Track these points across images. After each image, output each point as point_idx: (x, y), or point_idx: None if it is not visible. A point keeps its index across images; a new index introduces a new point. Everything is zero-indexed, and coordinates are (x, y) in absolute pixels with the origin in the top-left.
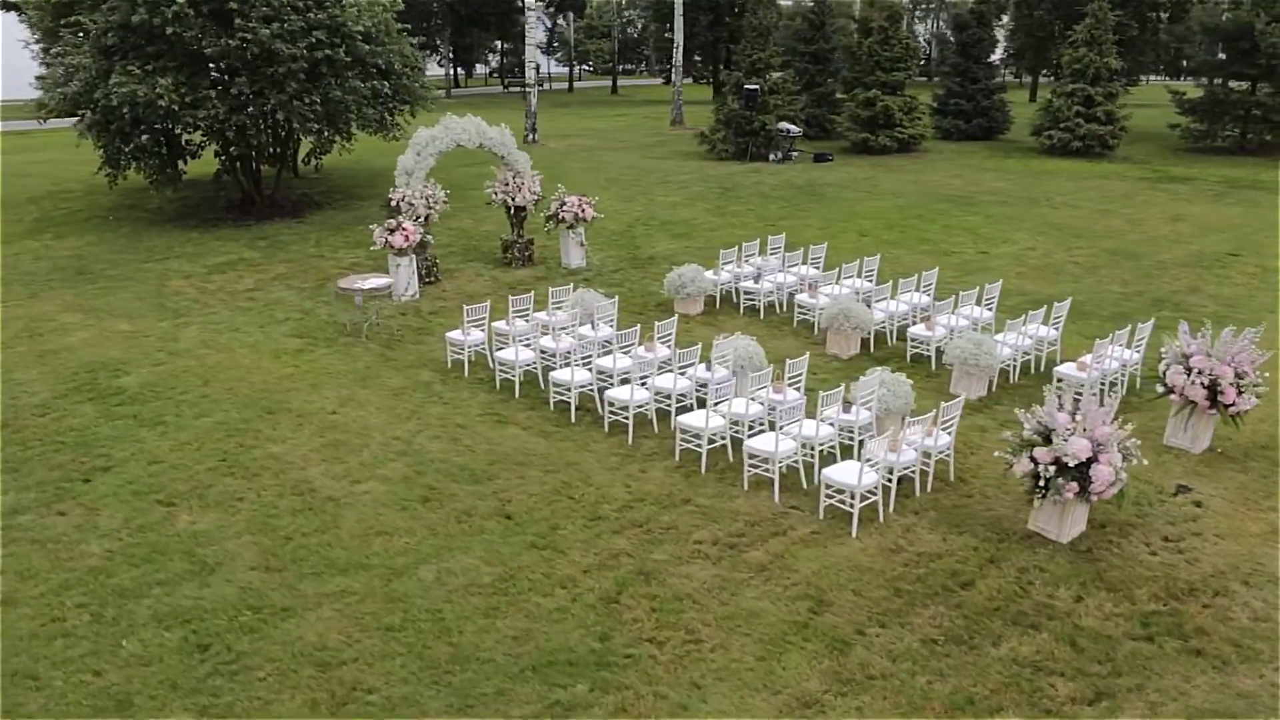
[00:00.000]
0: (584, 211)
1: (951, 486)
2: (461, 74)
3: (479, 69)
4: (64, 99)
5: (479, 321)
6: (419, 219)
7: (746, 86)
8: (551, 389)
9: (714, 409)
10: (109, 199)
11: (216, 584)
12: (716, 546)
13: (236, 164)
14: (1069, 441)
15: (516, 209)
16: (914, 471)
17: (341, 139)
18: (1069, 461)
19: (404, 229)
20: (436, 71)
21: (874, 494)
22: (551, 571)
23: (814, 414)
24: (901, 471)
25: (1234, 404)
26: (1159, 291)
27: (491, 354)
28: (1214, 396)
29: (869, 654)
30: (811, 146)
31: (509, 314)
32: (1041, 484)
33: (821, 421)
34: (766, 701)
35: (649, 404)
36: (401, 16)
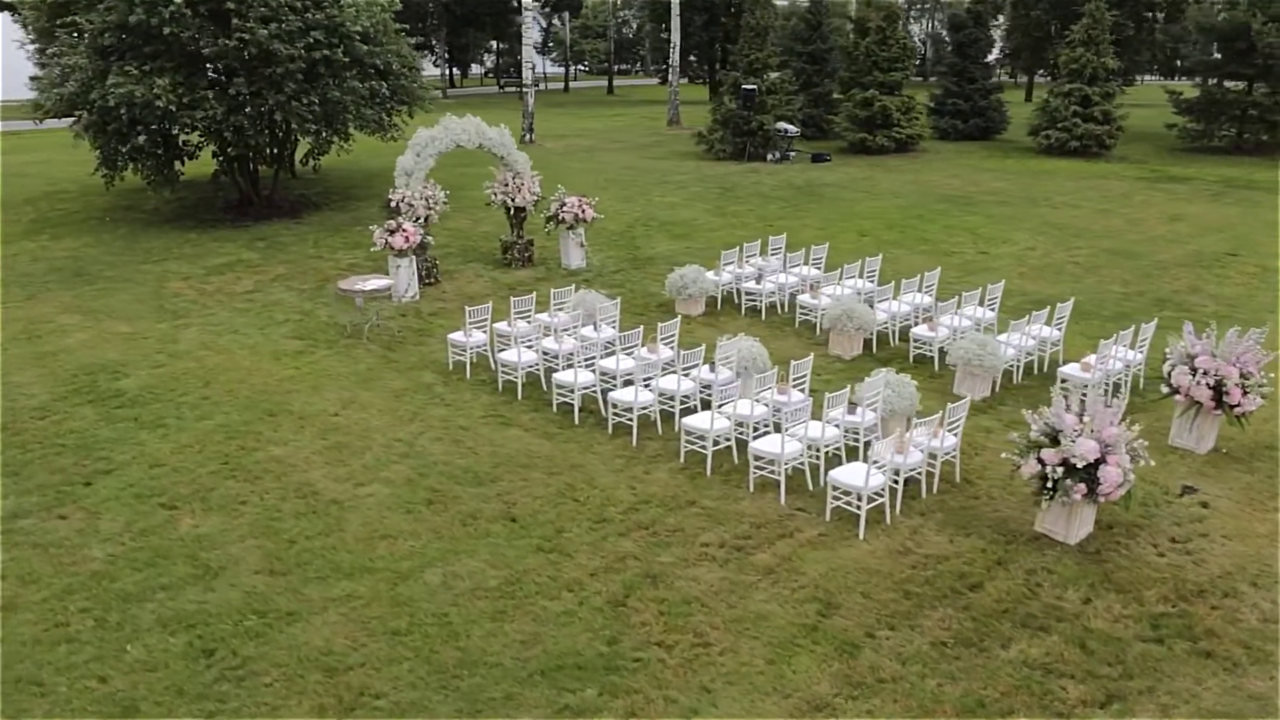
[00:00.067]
0: (584, 212)
1: (957, 488)
2: (457, 74)
3: (474, 69)
4: (60, 99)
5: (481, 323)
6: (419, 220)
7: (744, 86)
8: (554, 391)
9: (719, 410)
10: (105, 200)
11: (221, 588)
12: (723, 549)
13: (234, 165)
14: (1077, 443)
15: (516, 210)
16: (920, 473)
17: (339, 140)
18: (1077, 463)
19: (404, 230)
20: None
21: (881, 496)
22: (558, 575)
23: (819, 415)
24: (908, 473)
25: (1239, 404)
26: (1160, 291)
27: (493, 355)
28: (1219, 397)
29: (879, 657)
30: (809, 146)
31: (510, 315)
32: (1049, 485)
33: (827, 423)
34: (777, 705)
35: (653, 406)
36: (398, 17)
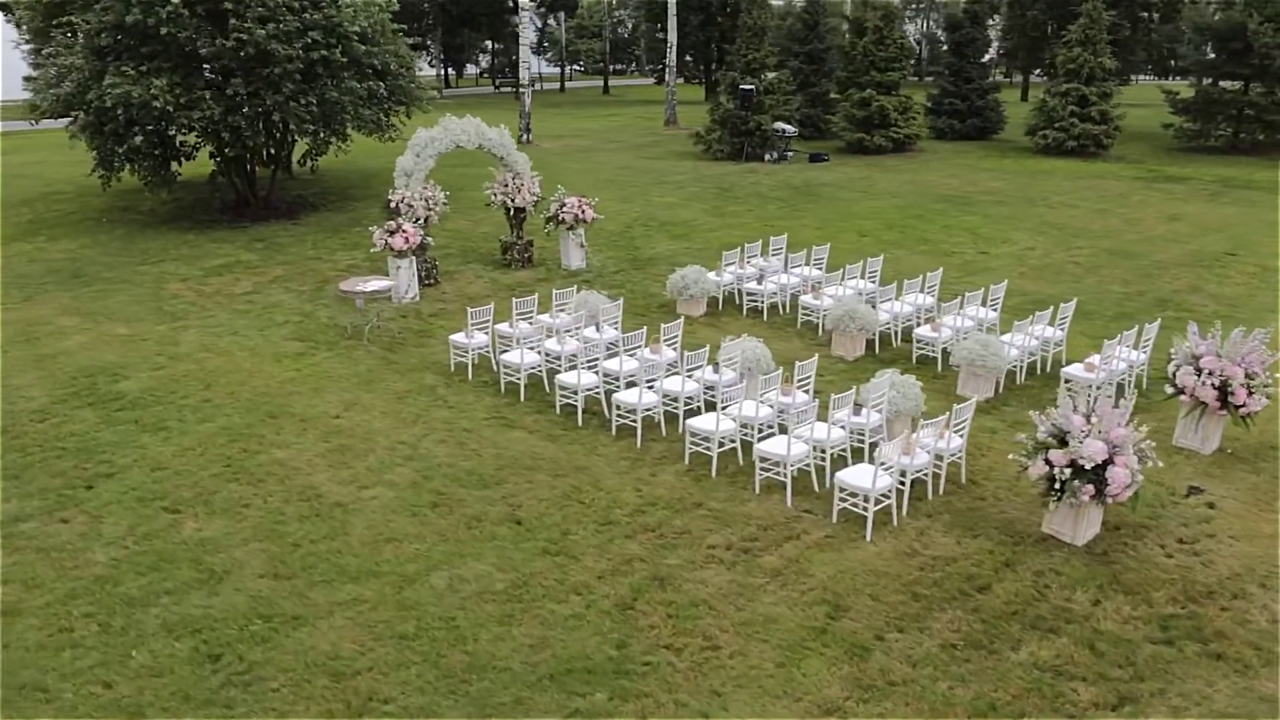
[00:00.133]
0: (584, 213)
1: (963, 489)
2: (452, 74)
3: (469, 69)
4: (57, 100)
5: (483, 324)
6: (418, 221)
7: (742, 86)
8: (557, 392)
9: (724, 412)
10: (102, 201)
11: (225, 592)
12: (730, 551)
13: (231, 166)
14: (1084, 444)
15: (516, 210)
16: (926, 474)
17: (337, 140)
18: (1085, 464)
19: (404, 231)
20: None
21: (887, 497)
22: (565, 578)
23: (824, 417)
24: (914, 474)
25: (1244, 405)
26: (1160, 291)
27: (495, 357)
28: (1224, 397)
29: (889, 659)
30: (807, 146)
31: (512, 316)
32: (1057, 486)
33: (833, 424)
34: (788, 708)
35: (657, 407)
36: (394, 17)
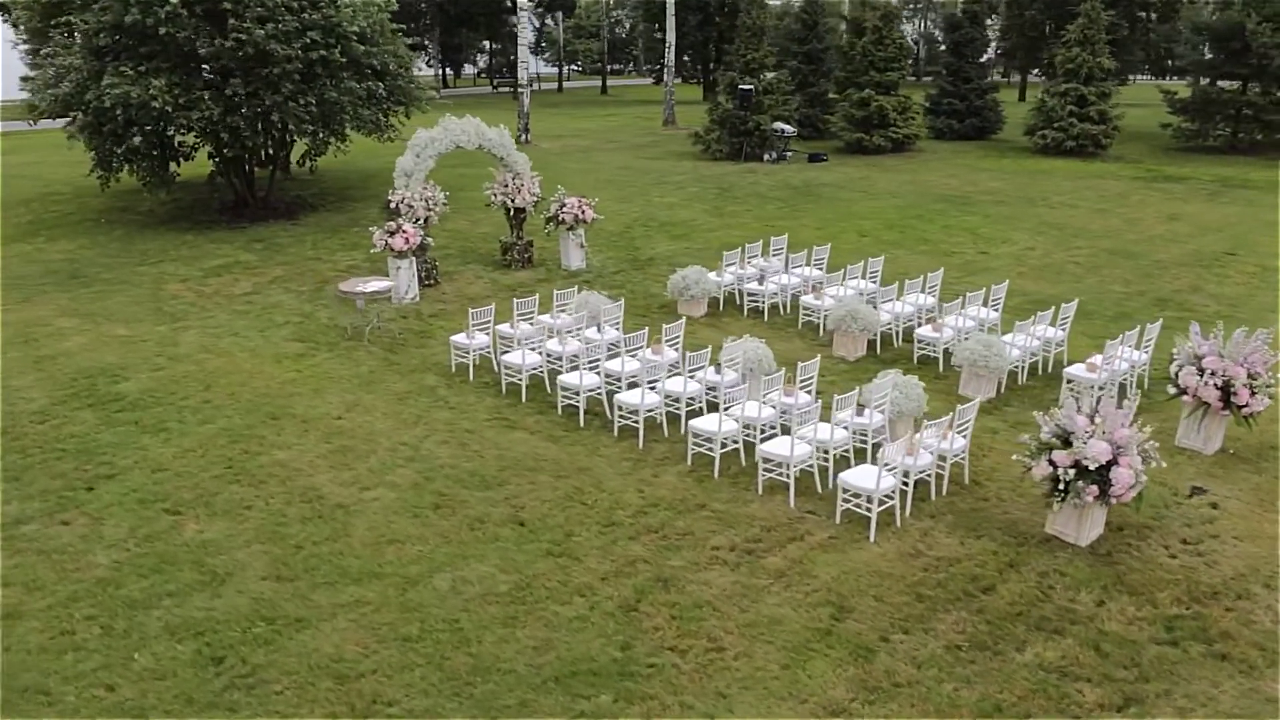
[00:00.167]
0: (584, 213)
1: (967, 489)
2: (450, 74)
3: (467, 69)
4: (55, 100)
5: (484, 325)
6: (418, 221)
7: (741, 86)
8: (559, 393)
9: (726, 413)
10: (100, 201)
11: (228, 594)
12: (734, 552)
13: (230, 166)
14: (1088, 444)
15: (516, 210)
16: (929, 475)
17: (336, 141)
18: (1089, 464)
19: (404, 231)
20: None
21: (891, 498)
22: (568, 579)
23: (827, 417)
24: (917, 475)
25: (1247, 405)
26: (1160, 291)
27: (496, 358)
28: (1227, 398)
29: (894, 661)
30: (805, 146)
31: (513, 317)
32: (1061, 487)
33: (835, 425)
34: (793, 710)
35: (659, 408)
36: (392, 17)
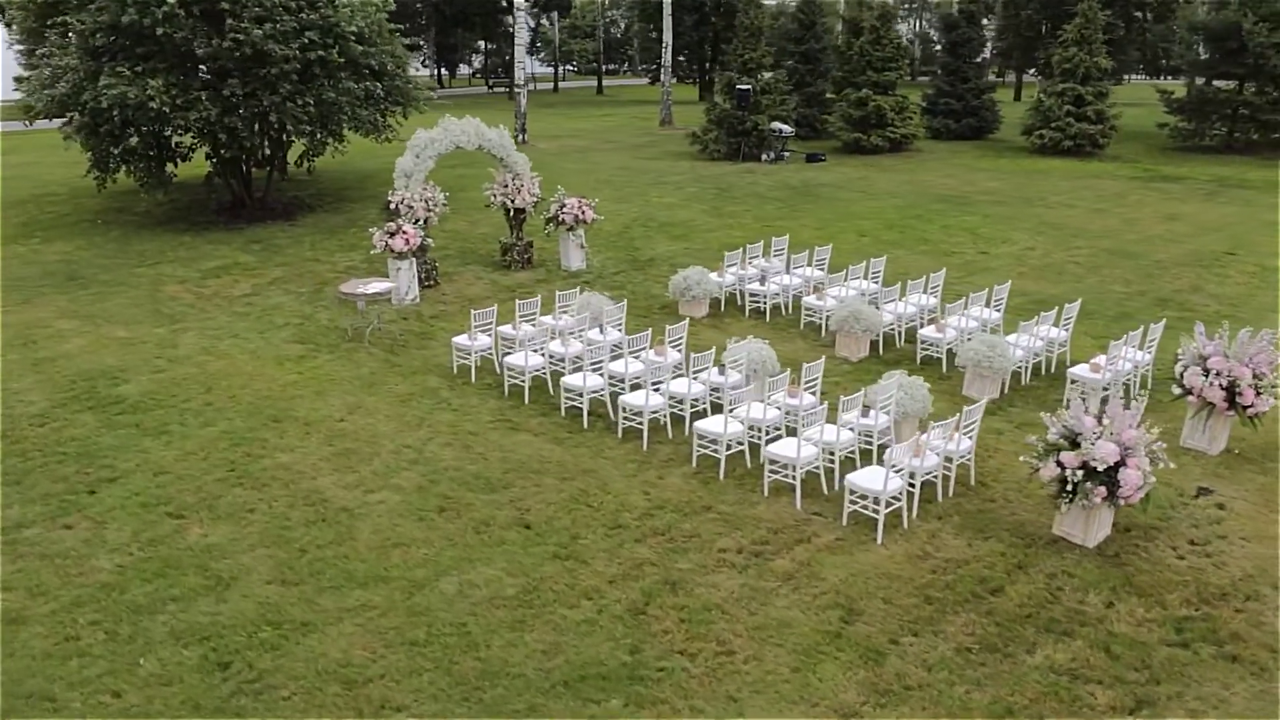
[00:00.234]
0: (584, 214)
1: (973, 491)
2: (445, 75)
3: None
4: (51, 101)
5: (486, 326)
6: (418, 222)
7: (739, 86)
8: (562, 394)
9: (731, 414)
10: (96, 202)
11: (233, 599)
12: (741, 555)
13: (227, 167)
14: (1096, 445)
15: (516, 211)
16: (936, 476)
17: (334, 141)
18: (1097, 466)
19: (404, 232)
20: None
21: (898, 500)
22: (575, 582)
23: (833, 418)
24: (924, 476)
25: (1252, 405)
26: (1161, 291)
27: (499, 359)
28: (1232, 398)
29: (904, 664)
30: (803, 146)
31: (515, 318)
32: (1069, 489)
33: (841, 426)
34: (805, 714)
35: (663, 409)
36: (390, 17)
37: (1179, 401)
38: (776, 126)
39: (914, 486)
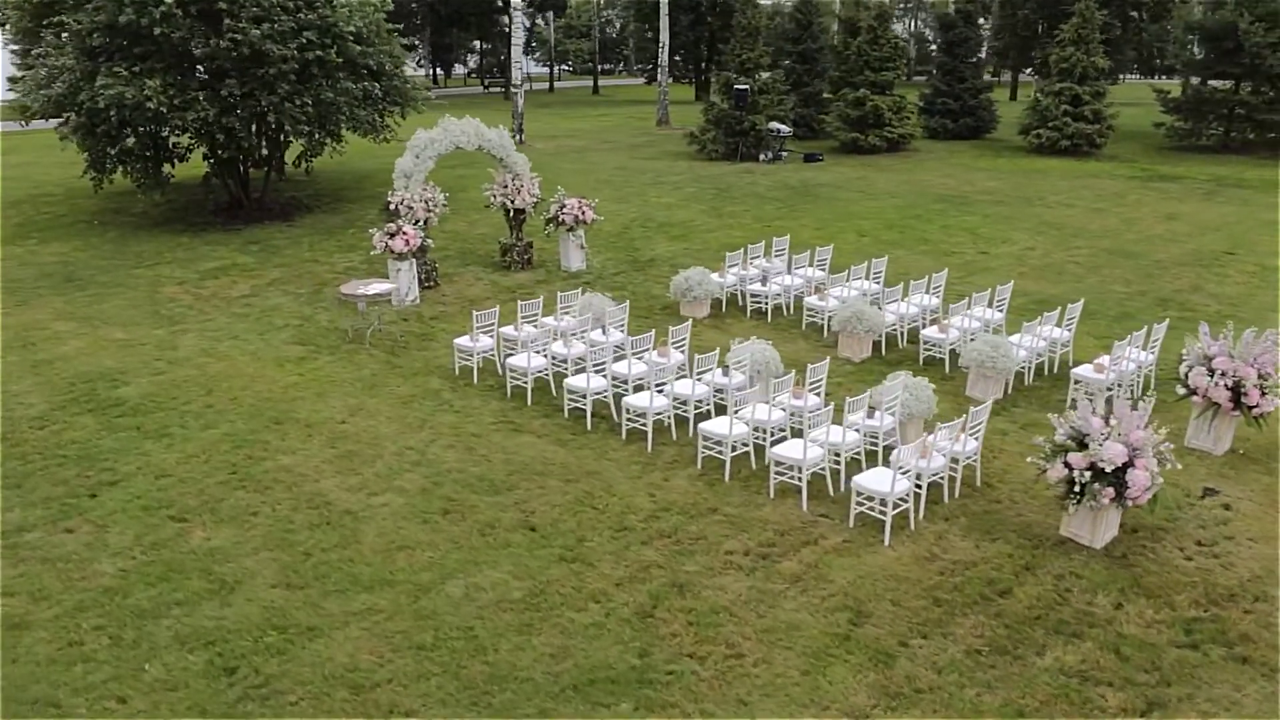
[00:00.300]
0: (584, 214)
1: (979, 492)
2: (440, 74)
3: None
4: (48, 101)
5: (488, 327)
6: (418, 222)
7: (737, 86)
8: (565, 396)
9: (736, 415)
10: (92, 203)
11: (238, 603)
12: (748, 557)
13: (225, 167)
14: (1104, 446)
15: (516, 211)
16: (942, 478)
17: (332, 141)
18: (1105, 467)
19: (404, 233)
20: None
21: (905, 501)
22: (582, 585)
23: (837, 419)
24: (931, 478)
25: (1257, 405)
26: (1162, 291)
27: (501, 360)
28: (1238, 398)
29: (914, 666)
30: (800, 146)
31: (517, 319)
32: (1076, 490)
33: (847, 428)
34: (816, 717)
35: (668, 411)
36: (388, 17)
37: (1183, 402)
38: (774, 126)
39: (921, 488)
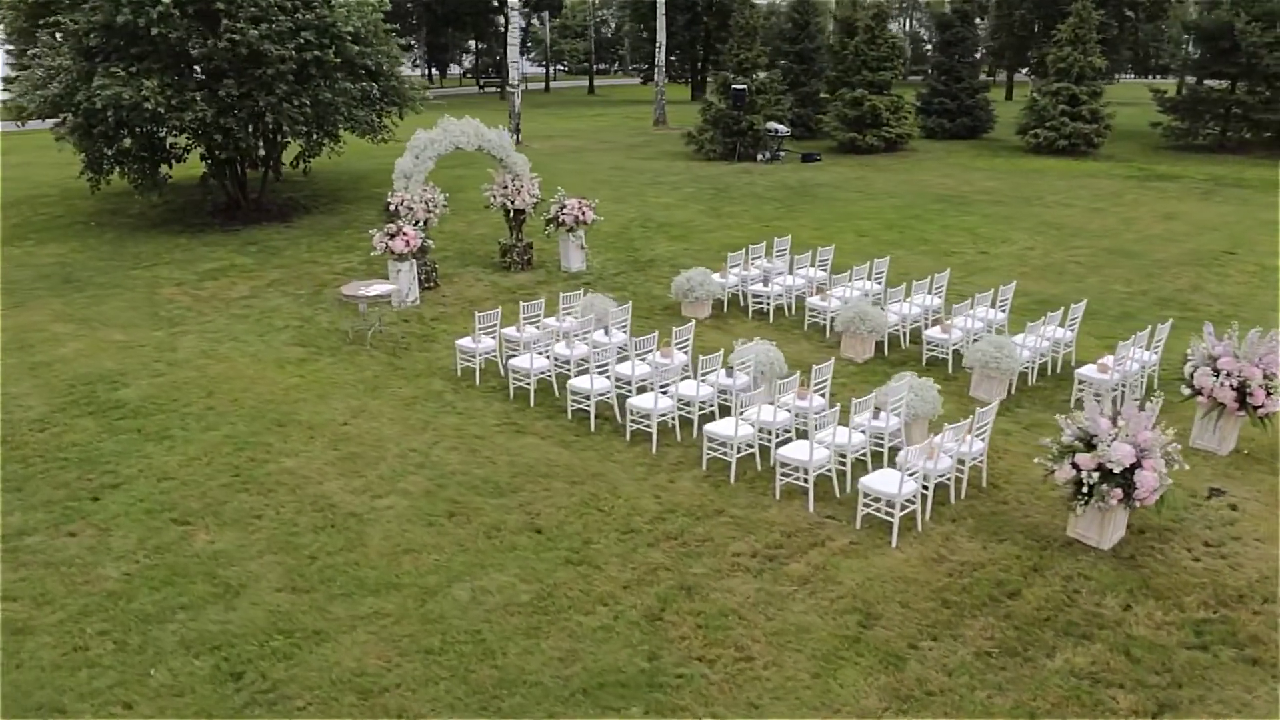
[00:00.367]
0: (584, 214)
1: (985, 493)
2: (436, 74)
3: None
4: (44, 101)
5: (490, 328)
6: (418, 223)
7: (734, 86)
8: (569, 397)
9: (741, 417)
10: (89, 204)
11: (243, 607)
12: (756, 559)
13: (222, 168)
14: (1112, 447)
15: (516, 212)
16: (949, 479)
17: (330, 142)
18: (1113, 468)
19: (404, 233)
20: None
21: (912, 503)
22: (590, 588)
23: (843, 420)
24: (937, 479)
25: (1263, 405)
26: (1162, 291)
27: (503, 362)
28: (1243, 398)
29: (924, 668)
30: (798, 146)
31: (520, 320)
32: (1084, 490)
33: (853, 429)
34: None
35: (672, 412)
36: (385, 17)
37: (1187, 402)
38: (772, 126)
39: (927, 489)
